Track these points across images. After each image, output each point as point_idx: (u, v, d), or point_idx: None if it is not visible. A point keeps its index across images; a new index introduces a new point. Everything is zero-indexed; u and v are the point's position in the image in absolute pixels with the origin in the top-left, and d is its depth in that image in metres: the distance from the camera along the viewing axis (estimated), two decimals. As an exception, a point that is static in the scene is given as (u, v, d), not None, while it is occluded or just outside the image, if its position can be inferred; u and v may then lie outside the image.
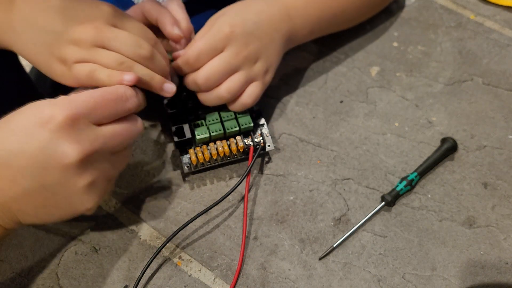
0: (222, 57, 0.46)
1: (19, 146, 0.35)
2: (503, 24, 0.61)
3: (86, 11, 0.42)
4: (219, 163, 0.50)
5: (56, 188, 0.36)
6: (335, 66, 0.58)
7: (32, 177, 0.35)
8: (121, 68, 0.41)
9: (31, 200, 0.36)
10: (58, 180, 0.35)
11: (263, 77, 0.49)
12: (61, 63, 0.42)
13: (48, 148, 0.34)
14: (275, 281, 0.44)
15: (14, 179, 0.35)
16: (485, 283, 0.44)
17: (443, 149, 0.51)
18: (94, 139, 0.37)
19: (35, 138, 0.34)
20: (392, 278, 0.44)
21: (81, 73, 0.41)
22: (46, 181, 0.35)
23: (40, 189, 0.36)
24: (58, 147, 0.35)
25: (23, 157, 0.34)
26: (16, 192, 0.35)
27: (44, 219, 0.39)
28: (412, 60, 0.59)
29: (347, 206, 0.48)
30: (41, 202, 0.36)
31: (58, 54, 0.41)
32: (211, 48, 0.46)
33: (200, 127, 0.49)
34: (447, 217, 0.48)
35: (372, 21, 0.62)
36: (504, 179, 0.50)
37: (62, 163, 0.35)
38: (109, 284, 0.44)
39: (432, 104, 0.55)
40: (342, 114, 0.55)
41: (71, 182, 0.36)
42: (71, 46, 0.41)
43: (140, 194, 0.49)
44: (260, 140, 0.49)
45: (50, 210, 0.38)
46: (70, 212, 0.38)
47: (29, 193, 0.36)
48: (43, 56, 0.42)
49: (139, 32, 0.43)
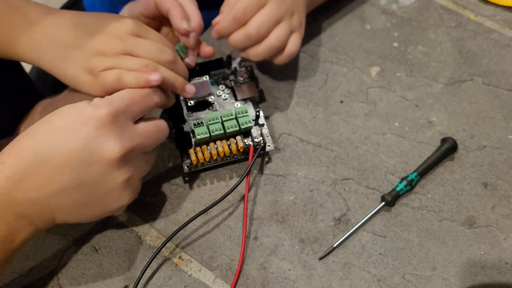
0: (267, 8, 0.49)
1: (61, 144, 0.36)
2: (503, 24, 0.61)
3: (111, 25, 0.44)
4: (219, 163, 0.50)
5: (96, 184, 0.38)
6: (335, 66, 0.58)
7: (73, 173, 0.37)
8: (146, 70, 0.43)
9: (69, 197, 0.38)
10: (99, 175, 0.37)
11: (299, 28, 0.53)
12: (89, 74, 0.43)
13: (92, 144, 0.37)
14: (275, 281, 0.44)
15: (53, 175, 0.36)
16: (485, 283, 0.44)
17: (443, 149, 0.51)
18: (133, 136, 0.39)
19: (79, 135, 0.36)
20: (392, 278, 0.44)
21: (109, 79, 0.42)
22: (87, 177, 0.37)
23: (79, 185, 0.37)
24: (102, 143, 0.37)
25: (65, 154, 0.36)
26: (55, 189, 0.37)
27: (78, 217, 0.40)
28: (412, 60, 0.59)
29: (347, 206, 0.48)
30: (78, 199, 0.38)
31: (85, 65, 0.43)
32: (256, 2, 0.49)
33: (200, 127, 0.49)
34: (447, 217, 0.48)
35: (372, 21, 0.62)
36: (504, 179, 0.50)
37: (105, 158, 0.37)
38: (109, 284, 0.44)
39: (432, 104, 0.55)
40: (342, 114, 0.55)
41: (111, 177, 0.38)
42: (98, 57, 0.43)
43: (140, 194, 0.49)
44: (260, 140, 0.49)
45: (86, 208, 0.39)
46: (104, 210, 0.40)
47: (68, 190, 0.37)
48: (71, 70, 0.44)
49: (160, 41, 0.46)
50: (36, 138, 0.37)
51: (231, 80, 0.54)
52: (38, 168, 0.36)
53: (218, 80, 0.54)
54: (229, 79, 0.54)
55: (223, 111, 0.50)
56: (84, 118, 0.37)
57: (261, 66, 0.58)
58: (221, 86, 0.54)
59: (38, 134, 0.37)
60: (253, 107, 0.52)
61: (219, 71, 0.54)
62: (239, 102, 0.52)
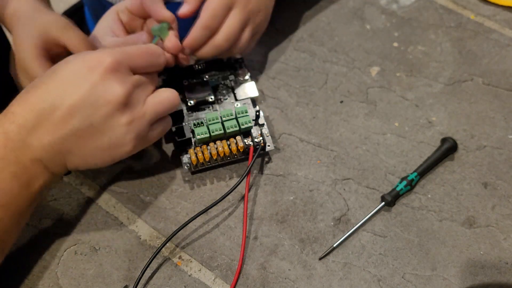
0: (234, 14, 0.49)
1: (70, 90, 0.39)
2: (503, 24, 0.61)
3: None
4: (219, 163, 0.50)
5: (103, 127, 0.40)
6: (335, 66, 0.58)
7: (82, 115, 0.39)
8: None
9: (80, 140, 0.40)
10: (105, 116, 0.40)
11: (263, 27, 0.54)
12: None
13: (99, 89, 0.39)
14: (275, 281, 0.44)
15: (64, 119, 0.39)
16: (485, 283, 0.44)
17: (443, 149, 0.51)
18: (133, 81, 0.41)
19: (86, 80, 0.39)
20: (392, 278, 0.44)
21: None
22: (95, 119, 0.40)
23: (89, 127, 0.40)
24: (107, 87, 0.39)
25: (75, 98, 0.39)
26: (66, 132, 0.39)
27: (89, 161, 0.42)
28: (412, 60, 0.59)
29: (347, 206, 0.48)
30: (88, 141, 0.40)
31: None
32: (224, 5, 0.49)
33: (200, 126, 0.49)
34: (447, 217, 0.48)
35: (372, 21, 0.62)
36: (504, 179, 0.50)
37: (110, 100, 0.40)
38: (109, 284, 0.44)
39: (432, 104, 0.55)
40: (342, 114, 0.55)
41: (115, 119, 0.40)
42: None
43: (140, 194, 0.49)
44: (260, 140, 0.49)
45: (95, 151, 0.41)
46: (112, 153, 0.42)
47: (78, 132, 0.40)
48: None
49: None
50: (45, 87, 0.40)
51: (231, 80, 0.54)
52: (49, 114, 0.39)
53: (218, 80, 0.54)
54: (229, 79, 0.54)
55: (223, 111, 0.50)
56: (90, 65, 0.40)
57: (261, 66, 0.58)
58: (221, 86, 0.54)
59: (46, 83, 0.40)
60: (253, 107, 0.52)
61: (219, 71, 0.54)
62: (239, 102, 0.52)
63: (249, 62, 0.58)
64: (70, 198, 0.49)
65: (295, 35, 0.61)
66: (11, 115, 0.39)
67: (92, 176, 0.50)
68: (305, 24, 0.62)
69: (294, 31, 0.61)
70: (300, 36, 0.61)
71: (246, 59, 0.57)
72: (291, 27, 0.62)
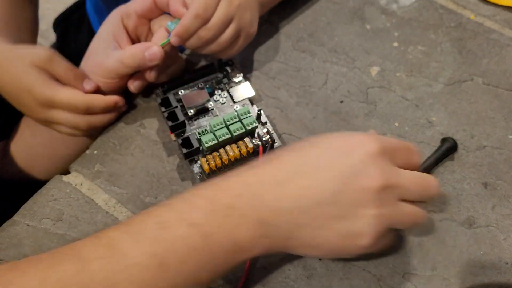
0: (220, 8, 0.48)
1: (331, 158, 0.38)
2: (503, 24, 0.61)
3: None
4: (230, 167, 0.49)
5: (345, 208, 0.37)
6: (335, 66, 0.58)
7: (332, 190, 0.37)
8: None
9: (318, 214, 0.37)
10: (351, 199, 0.37)
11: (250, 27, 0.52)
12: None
13: (359, 168, 0.37)
14: (275, 281, 0.44)
15: (313, 187, 0.37)
16: (485, 283, 0.44)
17: (443, 149, 0.51)
18: (394, 176, 0.38)
19: (351, 155, 0.38)
20: (392, 278, 0.44)
21: None
22: (342, 199, 0.37)
23: (332, 203, 0.37)
24: (366, 169, 0.37)
25: (332, 168, 0.37)
26: (310, 203, 0.37)
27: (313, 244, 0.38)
28: (412, 60, 0.59)
29: (347, 206, 0.48)
30: (325, 219, 0.37)
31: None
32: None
33: (206, 134, 0.49)
34: (447, 217, 0.48)
35: (372, 21, 0.62)
36: (504, 179, 0.50)
37: (364, 184, 0.37)
38: (109, 284, 0.44)
39: (432, 104, 0.55)
40: (342, 114, 0.55)
41: (362, 204, 0.37)
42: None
43: (140, 194, 0.49)
44: (268, 138, 0.49)
45: (326, 233, 0.38)
46: (347, 243, 0.38)
47: (319, 205, 0.37)
48: None
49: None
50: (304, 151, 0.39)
51: (225, 84, 0.54)
52: (300, 176, 0.37)
53: (212, 85, 0.54)
54: (223, 83, 0.54)
55: (226, 115, 0.49)
56: (355, 143, 0.38)
57: (261, 66, 0.58)
58: (216, 91, 0.53)
59: (307, 149, 0.39)
60: (251, 106, 0.52)
61: (212, 76, 0.54)
62: (238, 104, 0.52)
63: (248, 62, 0.58)
64: (70, 198, 0.49)
65: (295, 35, 0.61)
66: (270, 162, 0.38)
67: (92, 176, 0.50)
68: (305, 24, 0.62)
69: (294, 31, 0.61)
70: (300, 36, 0.61)
71: (246, 59, 0.57)
72: (291, 27, 0.62)
